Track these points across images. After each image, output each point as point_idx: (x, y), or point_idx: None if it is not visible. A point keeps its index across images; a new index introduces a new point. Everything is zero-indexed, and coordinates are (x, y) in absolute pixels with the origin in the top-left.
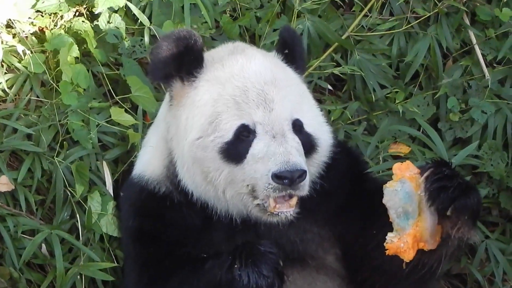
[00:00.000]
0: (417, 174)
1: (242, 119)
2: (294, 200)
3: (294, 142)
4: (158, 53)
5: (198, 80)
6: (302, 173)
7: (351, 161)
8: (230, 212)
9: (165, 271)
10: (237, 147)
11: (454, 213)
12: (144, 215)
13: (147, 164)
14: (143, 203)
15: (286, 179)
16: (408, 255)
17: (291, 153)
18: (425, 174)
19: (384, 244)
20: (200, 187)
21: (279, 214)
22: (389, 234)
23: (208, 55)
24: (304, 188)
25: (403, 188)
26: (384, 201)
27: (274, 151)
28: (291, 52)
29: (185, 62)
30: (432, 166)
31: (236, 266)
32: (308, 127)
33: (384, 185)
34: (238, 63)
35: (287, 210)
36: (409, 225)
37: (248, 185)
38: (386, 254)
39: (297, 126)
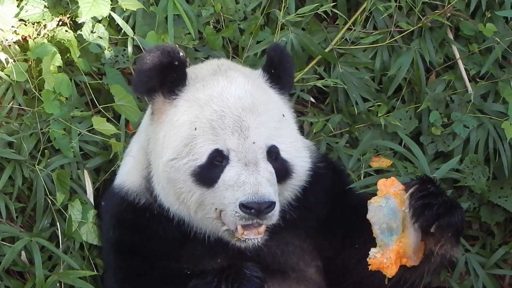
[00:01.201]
0: (402, 190)
1: (217, 144)
2: (262, 228)
3: (266, 172)
4: (141, 67)
5: (178, 98)
6: (270, 205)
7: (335, 176)
8: (203, 231)
9: (146, 285)
10: (210, 171)
11: (438, 230)
12: (124, 227)
13: (127, 175)
14: (123, 214)
15: (253, 209)
16: (390, 271)
17: (261, 183)
18: (410, 191)
19: (367, 259)
20: (174, 205)
21: (247, 240)
22: (372, 250)
23: (191, 72)
24: (273, 217)
25: (388, 204)
26: (368, 216)
27: (244, 180)
28: (277, 72)
29: (168, 79)
30: (417, 183)
31: None
32: (284, 154)
33: (368, 201)
34: (219, 85)
35: (254, 237)
36: (393, 241)
37: (216, 209)
38: (369, 269)
39: (273, 153)
